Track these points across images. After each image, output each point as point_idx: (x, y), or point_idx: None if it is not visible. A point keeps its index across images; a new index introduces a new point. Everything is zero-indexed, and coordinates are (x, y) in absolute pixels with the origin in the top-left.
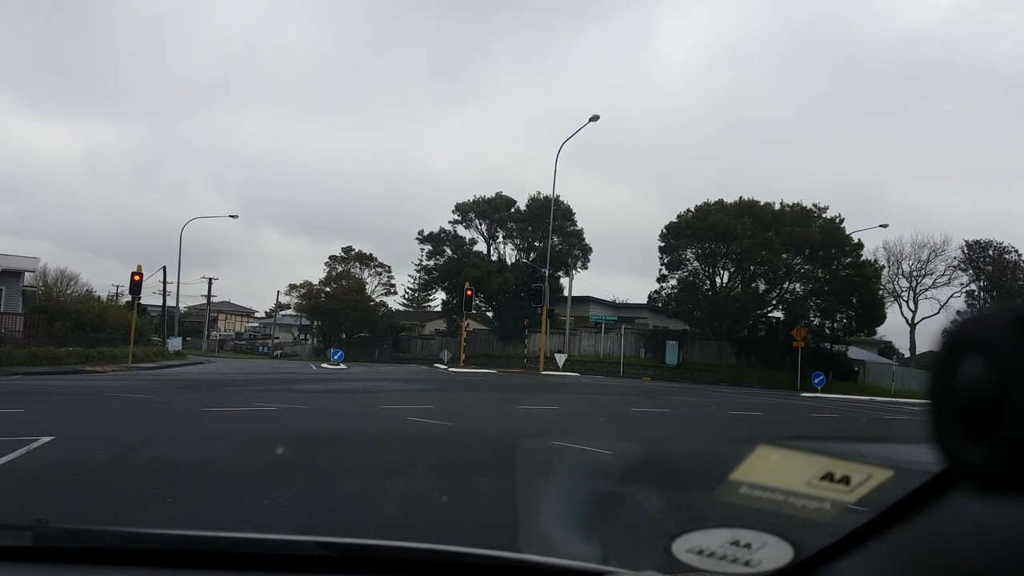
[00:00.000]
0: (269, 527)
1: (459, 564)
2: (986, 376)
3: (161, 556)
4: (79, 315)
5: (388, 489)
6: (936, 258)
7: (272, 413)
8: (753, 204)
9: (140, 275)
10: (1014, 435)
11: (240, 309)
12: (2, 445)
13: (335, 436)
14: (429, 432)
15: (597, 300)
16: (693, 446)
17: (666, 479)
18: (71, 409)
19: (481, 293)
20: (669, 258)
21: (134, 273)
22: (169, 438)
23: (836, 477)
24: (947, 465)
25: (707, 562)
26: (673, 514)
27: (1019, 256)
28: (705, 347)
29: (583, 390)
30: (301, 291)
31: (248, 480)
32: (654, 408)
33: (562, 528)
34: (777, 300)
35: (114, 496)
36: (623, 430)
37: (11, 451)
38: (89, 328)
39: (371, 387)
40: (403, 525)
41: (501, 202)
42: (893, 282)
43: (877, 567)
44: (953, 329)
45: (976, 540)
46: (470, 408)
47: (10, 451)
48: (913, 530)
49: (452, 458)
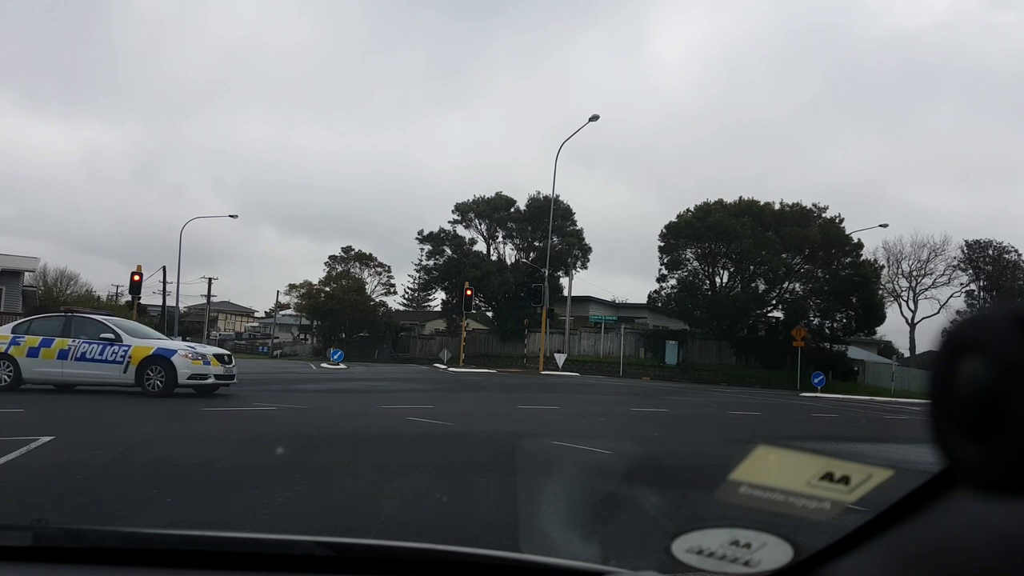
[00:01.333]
0: (269, 526)
1: (459, 564)
2: (986, 376)
3: (161, 556)
4: None
5: (388, 489)
6: (936, 258)
7: (272, 413)
8: (753, 204)
9: (140, 275)
10: (1014, 435)
11: (240, 309)
12: (2, 444)
13: (335, 436)
14: (429, 432)
15: (597, 300)
16: (693, 446)
17: (665, 479)
18: (70, 409)
19: (481, 293)
20: (669, 258)
21: (134, 273)
22: (169, 438)
23: (836, 477)
24: (947, 465)
25: (707, 562)
26: (671, 513)
27: (1019, 256)
28: (705, 347)
29: (583, 390)
30: (301, 291)
31: (248, 480)
32: (654, 408)
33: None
34: (777, 300)
35: (115, 496)
36: (622, 430)
37: (11, 451)
38: None
39: (371, 387)
40: (403, 524)
41: (501, 202)
42: (893, 282)
43: (877, 567)
44: (953, 329)
45: (976, 540)
46: (470, 408)
47: (10, 451)
48: (913, 530)
49: (452, 458)
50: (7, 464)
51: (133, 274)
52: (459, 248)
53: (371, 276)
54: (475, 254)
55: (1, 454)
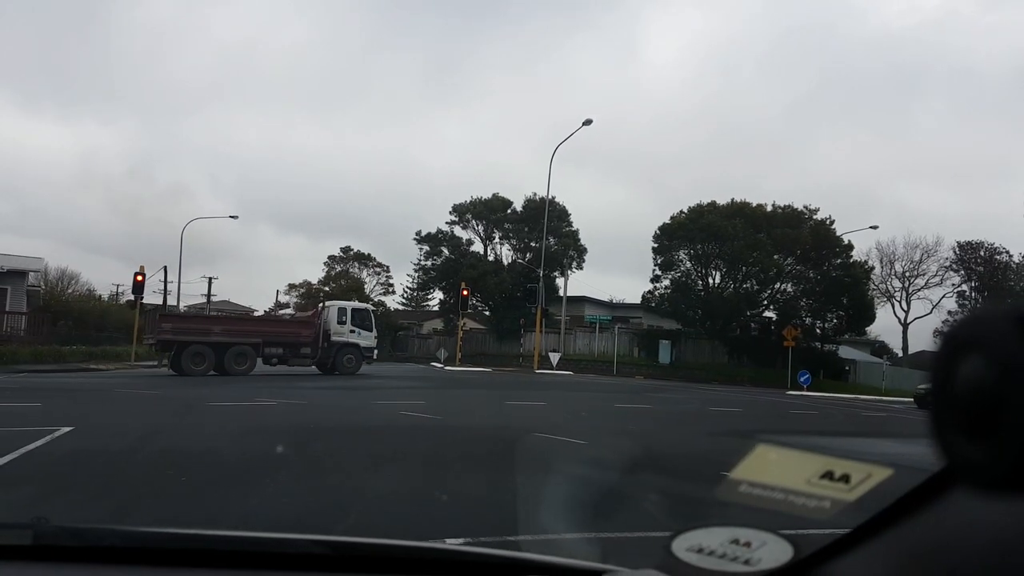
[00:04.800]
0: (272, 501)
1: (459, 563)
2: (986, 375)
3: (161, 555)
4: (81, 314)
5: (378, 472)
6: (928, 259)
7: (272, 408)
8: (745, 206)
9: (143, 275)
10: (1014, 434)
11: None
12: (29, 434)
13: (331, 428)
14: (419, 424)
15: (593, 300)
16: (663, 437)
17: (628, 463)
18: (84, 403)
19: (478, 293)
20: (663, 259)
21: (137, 273)
22: (178, 429)
23: (836, 475)
24: (947, 464)
25: (707, 560)
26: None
27: (1010, 257)
28: (698, 346)
29: (573, 388)
30: (300, 290)
31: (252, 464)
32: (638, 405)
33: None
34: (769, 300)
35: (134, 476)
36: (601, 424)
37: (37, 439)
38: (91, 327)
39: (367, 384)
40: (388, 499)
41: (497, 203)
42: (886, 282)
43: (877, 566)
44: (953, 328)
45: (976, 539)
46: (460, 404)
47: (36, 439)
48: (913, 529)
49: (437, 447)
50: (36, 450)
51: (136, 274)
52: (456, 249)
53: (370, 276)
54: (472, 255)
55: (29, 441)
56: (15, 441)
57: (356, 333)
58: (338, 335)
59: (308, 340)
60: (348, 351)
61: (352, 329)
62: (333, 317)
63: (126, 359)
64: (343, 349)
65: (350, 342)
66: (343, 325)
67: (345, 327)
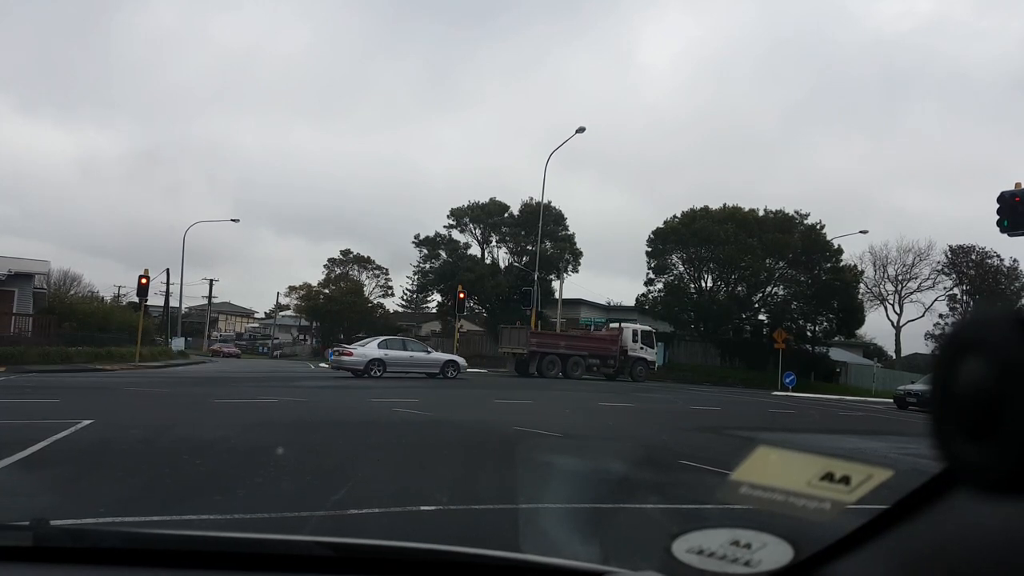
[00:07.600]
0: (275, 479)
1: (459, 564)
2: (987, 376)
3: (162, 556)
4: (85, 316)
5: (368, 457)
6: (921, 262)
7: (274, 405)
8: (737, 211)
9: (147, 278)
10: (1015, 435)
11: (240, 310)
12: (54, 426)
13: (328, 422)
14: (410, 419)
15: (589, 302)
16: (637, 432)
17: (593, 453)
18: (99, 400)
19: (475, 295)
20: (656, 262)
21: (141, 276)
22: (189, 422)
23: (836, 477)
24: (948, 465)
25: (707, 562)
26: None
27: (1000, 261)
28: (691, 348)
29: (561, 387)
30: (300, 292)
31: (257, 450)
32: (621, 403)
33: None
34: (760, 303)
35: (155, 459)
36: (581, 420)
37: (63, 430)
38: (96, 328)
39: (365, 384)
40: (375, 479)
41: (494, 207)
42: (879, 286)
43: (877, 567)
44: (954, 330)
45: (976, 541)
46: (451, 401)
47: (63, 430)
48: (913, 530)
49: (425, 438)
50: (64, 438)
51: (140, 277)
52: (454, 252)
53: (369, 278)
54: (470, 258)
55: (57, 431)
56: (45, 431)
57: (644, 349)
58: (633, 351)
59: (614, 354)
60: (640, 363)
61: (641, 346)
62: (628, 336)
63: (131, 359)
64: (636, 362)
65: (641, 356)
66: (636, 343)
67: (637, 344)
